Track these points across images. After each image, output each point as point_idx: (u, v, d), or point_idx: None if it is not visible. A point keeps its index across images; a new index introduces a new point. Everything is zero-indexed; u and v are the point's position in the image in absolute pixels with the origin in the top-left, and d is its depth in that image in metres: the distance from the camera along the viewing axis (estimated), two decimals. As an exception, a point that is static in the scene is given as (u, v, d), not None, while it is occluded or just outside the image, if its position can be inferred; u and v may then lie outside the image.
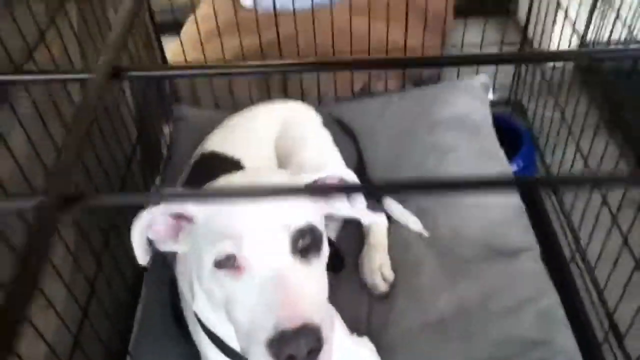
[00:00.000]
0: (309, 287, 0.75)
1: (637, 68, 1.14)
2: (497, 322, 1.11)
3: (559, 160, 1.49)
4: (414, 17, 1.64)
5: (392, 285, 1.22)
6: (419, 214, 1.33)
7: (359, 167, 1.37)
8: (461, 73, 1.77)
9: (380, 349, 1.08)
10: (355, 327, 1.10)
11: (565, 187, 1.52)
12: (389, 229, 1.31)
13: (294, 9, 1.68)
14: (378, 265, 1.24)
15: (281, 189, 0.51)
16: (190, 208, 0.79)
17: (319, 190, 0.84)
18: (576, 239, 1.36)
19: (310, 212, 0.79)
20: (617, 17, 1.51)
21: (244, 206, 0.75)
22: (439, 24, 1.85)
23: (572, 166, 1.43)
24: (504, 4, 2.06)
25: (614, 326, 1.13)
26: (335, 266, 1.09)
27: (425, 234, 1.31)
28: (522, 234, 1.28)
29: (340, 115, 1.48)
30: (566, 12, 1.65)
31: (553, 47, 1.88)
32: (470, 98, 1.53)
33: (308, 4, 1.70)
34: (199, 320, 0.94)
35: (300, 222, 0.76)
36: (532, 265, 1.22)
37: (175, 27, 1.83)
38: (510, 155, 1.51)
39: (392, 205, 1.35)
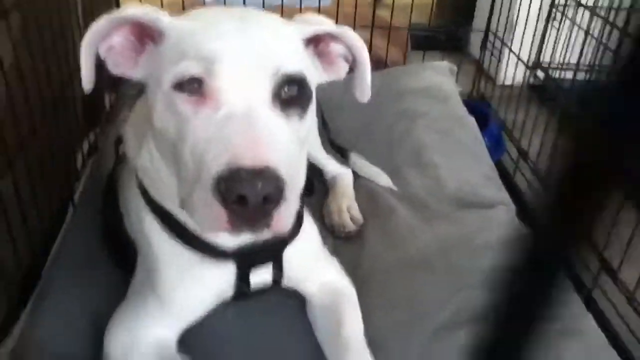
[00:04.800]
0: (282, 139, 0.62)
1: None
2: (484, 253, 0.99)
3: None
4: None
5: (361, 230, 1.08)
6: (389, 174, 1.23)
7: (324, 131, 1.28)
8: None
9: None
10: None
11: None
12: (355, 184, 1.20)
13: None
14: (346, 207, 1.12)
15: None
16: (164, 20, 0.66)
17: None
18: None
19: (306, 66, 0.68)
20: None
21: (228, 31, 0.63)
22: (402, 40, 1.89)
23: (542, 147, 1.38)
24: (456, 42, 2.14)
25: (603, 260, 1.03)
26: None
27: (395, 188, 1.20)
28: (496, 192, 1.20)
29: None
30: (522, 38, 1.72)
31: (508, 73, 1.93)
32: (437, 74, 1.51)
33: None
34: (142, 192, 0.78)
35: (290, 67, 0.63)
36: (511, 216, 1.13)
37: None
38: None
39: (358, 161, 1.25)
